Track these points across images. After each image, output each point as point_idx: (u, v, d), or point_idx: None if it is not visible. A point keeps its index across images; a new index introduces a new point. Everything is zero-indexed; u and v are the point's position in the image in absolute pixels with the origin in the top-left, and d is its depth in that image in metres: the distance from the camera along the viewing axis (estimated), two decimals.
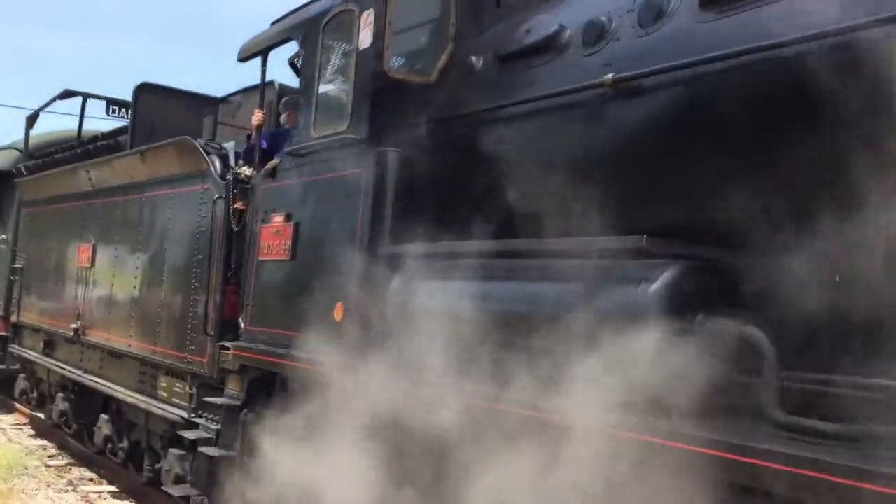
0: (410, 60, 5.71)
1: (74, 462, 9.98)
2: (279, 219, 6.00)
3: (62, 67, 69.32)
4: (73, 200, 10.23)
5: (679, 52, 3.82)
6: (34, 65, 67.06)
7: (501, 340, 3.94)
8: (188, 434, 6.71)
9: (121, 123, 11.88)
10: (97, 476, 9.41)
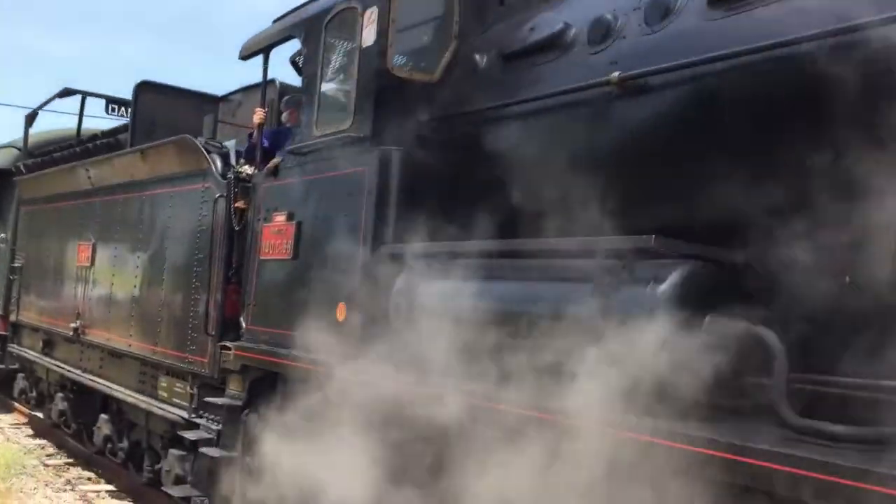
0: (414, 58, 5.67)
1: (73, 461, 9.95)
2: (281, 218, 5.96)
3: (62, 67, 69.47)
4: (73, 199, 10.18)
5: (687, 51, 3.79)
6: (34, 65, 67.14)
7: (509, 341, 3.90)
8: (189, 434, 6.69)
9: (120, 122, 11.84)
10: (95, 475, 9.39)
